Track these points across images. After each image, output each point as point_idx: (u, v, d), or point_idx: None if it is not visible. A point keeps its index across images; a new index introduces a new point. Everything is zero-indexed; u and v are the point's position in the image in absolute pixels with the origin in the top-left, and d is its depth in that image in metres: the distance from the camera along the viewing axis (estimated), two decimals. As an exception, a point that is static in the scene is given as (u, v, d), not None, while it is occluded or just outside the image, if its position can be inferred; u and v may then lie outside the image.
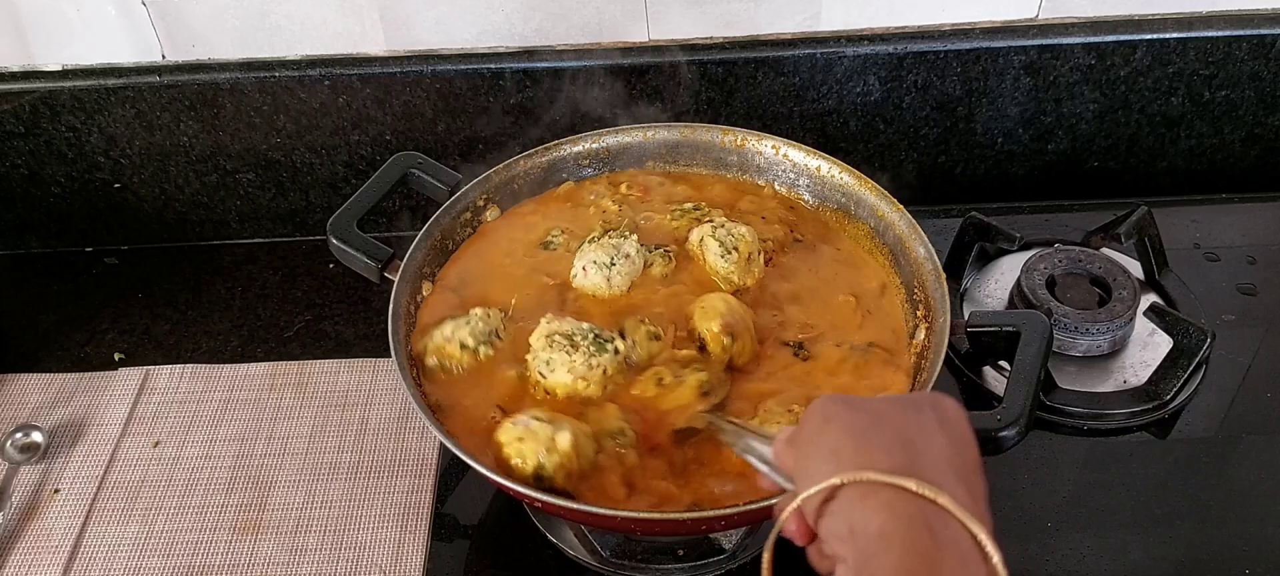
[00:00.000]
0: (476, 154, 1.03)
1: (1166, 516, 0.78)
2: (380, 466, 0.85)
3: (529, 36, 0.98)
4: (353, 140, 1.02)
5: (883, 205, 0.81)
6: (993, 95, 1.02)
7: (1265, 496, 0.79)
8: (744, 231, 0.79)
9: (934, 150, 1.06)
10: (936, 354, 0.69)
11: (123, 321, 0.99)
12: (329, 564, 0.78)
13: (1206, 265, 0.98)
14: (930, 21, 0.99)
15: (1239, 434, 0.84)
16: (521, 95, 0.99)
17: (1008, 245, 0.94)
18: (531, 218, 0.86)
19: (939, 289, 0.73)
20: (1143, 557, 0.76)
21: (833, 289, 0.80)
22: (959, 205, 1.01)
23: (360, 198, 0.80)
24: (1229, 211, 1.04)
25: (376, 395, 0.91)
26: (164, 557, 0.79)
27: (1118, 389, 0.86)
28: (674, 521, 0.63)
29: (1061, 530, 0.77)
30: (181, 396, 0.91)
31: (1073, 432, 0.84)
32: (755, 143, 0.88)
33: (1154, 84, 1.02)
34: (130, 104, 0.98)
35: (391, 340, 0.71)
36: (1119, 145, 1.07)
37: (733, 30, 0.99)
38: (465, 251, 0.83)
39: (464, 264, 0.82)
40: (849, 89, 1.01)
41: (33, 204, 1.05)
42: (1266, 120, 1.05)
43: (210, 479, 0.85)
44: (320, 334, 0.97)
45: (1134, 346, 0.89)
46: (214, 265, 1.06)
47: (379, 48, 0.98)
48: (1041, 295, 0.88)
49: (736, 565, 0.76)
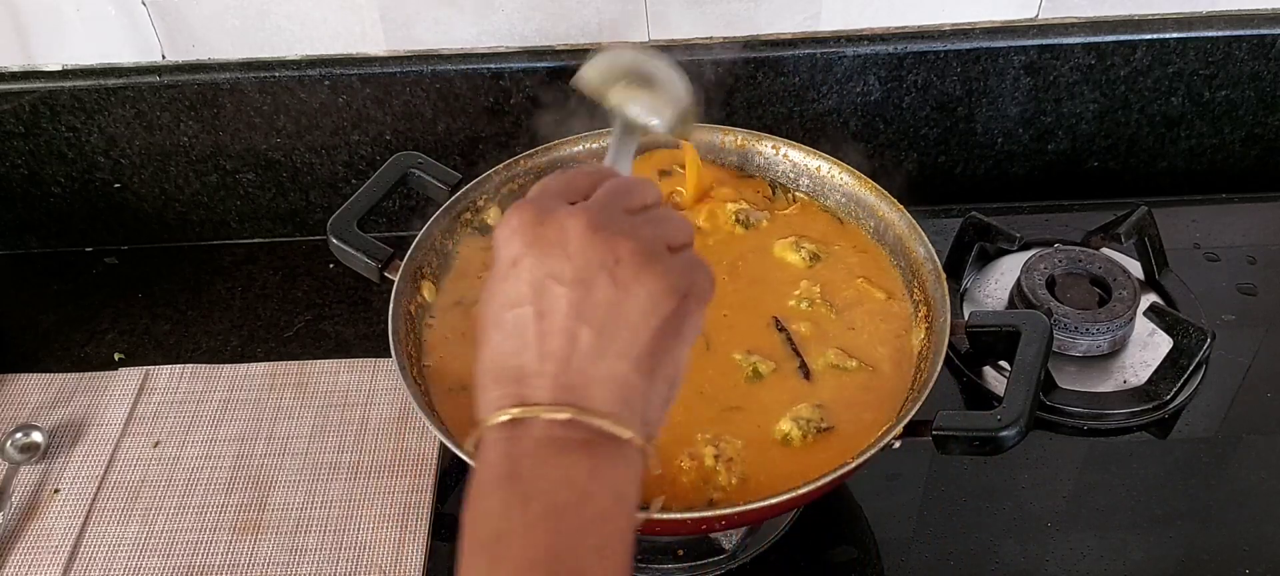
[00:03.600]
0: (477, 154, 1.03)
1: (1166, 516, 0.78)
2: (380, 466, 0.85)
3: (529, 36, 0.98)
4: (353, 140, 1.02)
5: (882, 205, 0.81)
6: (993, 95, 1.02)
7: (1265, 496, 0.79)
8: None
9: (934, 150, 1.06)
10: (936, 354, 0.69)
11: (123, 321, 0.99)
12: (329, 564, 0.78)
13: (1206, 265, 0.98)
14: (930, 21, 0.99)
15: (1239, 433, 0.84)
16: (522, 95, 0.99)
17: (1008, 245, 0.94)
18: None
19: (939, 289, 0.73)
20: (1143, 557, 0.76)
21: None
22: (959, 205, 1.01)
23: (360, 197, 0.80)
24: (1229, 211, 1.04)
25: (377, 395, 0.91)
26: (164, 557, 0.79)
27: (1118, 389, 0.86)
28: (674, 521, 0.63)
29: (1062, 530, 0.78)
30: (181, 396, 0.91)
31: (1073, 433, 0.84)
32: (755, 142, 0.88)
33: (1154, 84, 1.02)
34: (130, 104, 0.98)
35: (391, 340, 0.71)
36: (1119, 145, 1.07)
37: (733, 30, 0.99)
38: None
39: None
40: (849, 89, 1.01)
41: (33, 204, 1.05)
42: (1267, 120, 1.05)
43: (210, 479, 0.84)
44: (320, 334, 0.97)
45: (1134, 346, 0.89)
46: (214, 265, 1.06)
47: (379, 48, 0.98)
48: (1041, 295, 0.88)
49: (736, 565, 0.76)
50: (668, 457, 0.67)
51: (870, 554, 0.77)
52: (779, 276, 0.80)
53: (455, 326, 0.78)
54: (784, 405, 0.71)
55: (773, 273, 0.80)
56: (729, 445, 0.68)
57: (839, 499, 0.81)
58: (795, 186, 0.88)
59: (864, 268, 0.81)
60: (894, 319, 0.77)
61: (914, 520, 0.79)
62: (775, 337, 0.75)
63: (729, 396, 0.72)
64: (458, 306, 0.80)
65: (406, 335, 0.74)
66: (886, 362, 0.74)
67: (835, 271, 0.80)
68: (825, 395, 0.72)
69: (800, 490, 0.61)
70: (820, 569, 0.76)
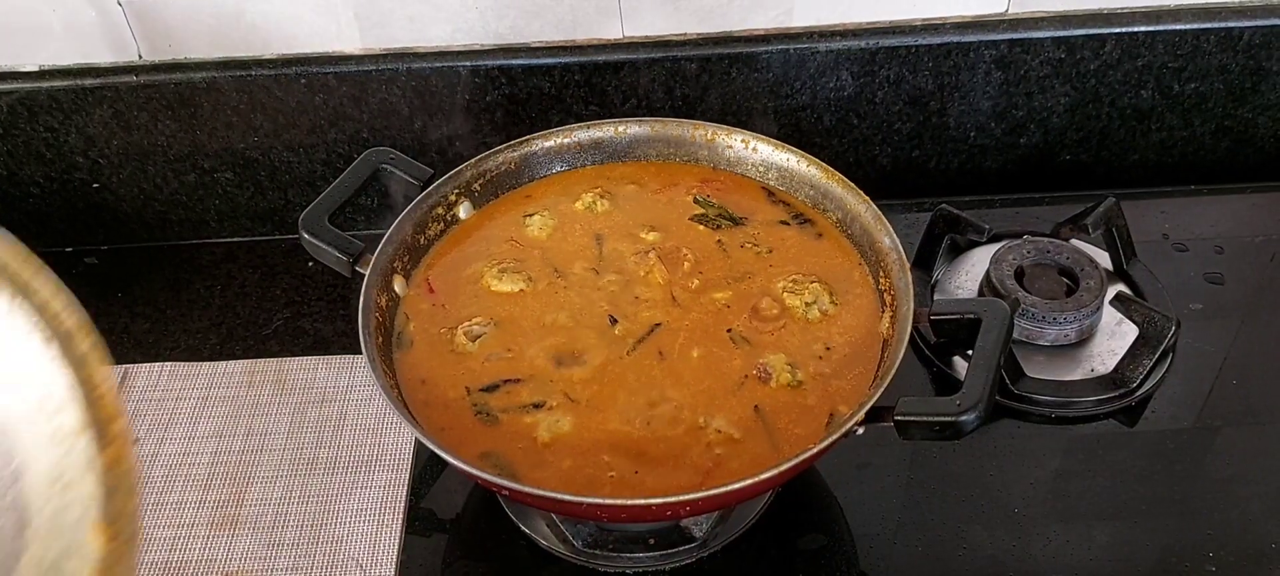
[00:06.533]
0: (454, 151, 1.03)
1: (1134, 502, 0.79)
2: (358, 462, 0.86)
3: (504, 34, 0.99)
4: (330, 138, 1.02)
5: (849, 198, 0.82)
6: (965, 89, 1.03)
7: (1230, 482, 0.80)
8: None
9: (907, 144, 1.07)
10: (899, 340, 0.70)
11: (102, 321, 0.97)
12: (306, 558, 0.79)
13: (1175, 255, 0.99)
14: (901, 16, 1.00)
15: (1205, 421, 0.85)
16: (497, 92, 1.00)
17: (977, 237, 0.95)
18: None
19: (903, 278, 0.74)
20: (1110, 542, 0.77)
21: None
22: (933, 199, 1.02)
23: (331, 193, 0.81)
24: (1198, 203, 1.06)
25: (354, 391, 0.91)
26: (142, 553, 0.80)
27: (1085, 377, 0.87)
28: (639, 508, 0.64)
29: (1030, 516, 0.78)
30: (160, 394, 0.92)
31: (1041, 421, 0.85)
32: (725, 137, 0.89)
33: (1124, 77, 1.03)
34: (108, 104, 0.99)
35: (361, 334, 0.72)
36: (1091, 138, 1.08)
37: (706, 26, 1.00)
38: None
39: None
40: (822, 84, 1.02)
41: (11, 205, 1.05)
42: (1236, 112, 1.07)
43: (188, 475, 0.85)
44: (299, 331, 0.98)
45: (1101, 335, 0.90)
46: (193, 264, 1.06)
47: (354, 46, 0.98)
48: (1009, 286, 0.89)
49: (708, 553, 0.77)
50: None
51: (841, 541, 0.78)
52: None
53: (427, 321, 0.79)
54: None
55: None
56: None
57: (810, 487, 0.82)
58: (765, 180, 0.88)
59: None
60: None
61: (884, 508, 0.80)
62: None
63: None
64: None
65: (377, 330, 0.75)
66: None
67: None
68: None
69: (763, 475, 0.62)
70: (791, 556, 0.77)
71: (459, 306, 0.79)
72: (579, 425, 0.71)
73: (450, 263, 0.83)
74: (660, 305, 0.79)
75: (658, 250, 0.82)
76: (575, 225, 0.86)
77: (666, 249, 0.83)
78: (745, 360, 0.74)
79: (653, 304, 0.79)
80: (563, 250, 0.84)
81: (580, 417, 0.71)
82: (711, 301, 0.79)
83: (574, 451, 0.69)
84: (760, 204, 0.87)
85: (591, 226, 0.86)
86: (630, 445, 0.69)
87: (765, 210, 0.86)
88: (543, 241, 0.84)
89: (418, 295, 0.80)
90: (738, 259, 0.82)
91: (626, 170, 0.90)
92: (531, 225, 0.85)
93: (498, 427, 0.71)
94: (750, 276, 0.81)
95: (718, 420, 0.70)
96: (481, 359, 0.75)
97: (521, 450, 0.69)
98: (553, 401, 0.72)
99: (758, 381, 0.73)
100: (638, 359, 0.75)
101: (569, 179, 0.90)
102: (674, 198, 0.88)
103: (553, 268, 0.82)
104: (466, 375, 0.74)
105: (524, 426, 0.71)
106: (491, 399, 0.73)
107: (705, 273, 0.81)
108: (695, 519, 0.76)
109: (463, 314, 0.79)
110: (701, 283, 0.80)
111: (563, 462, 0.69)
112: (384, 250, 0.79)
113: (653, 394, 0.73)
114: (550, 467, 0.68)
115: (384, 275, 0.78)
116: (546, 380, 0.74)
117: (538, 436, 0.70)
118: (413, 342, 0.77)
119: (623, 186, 0.89)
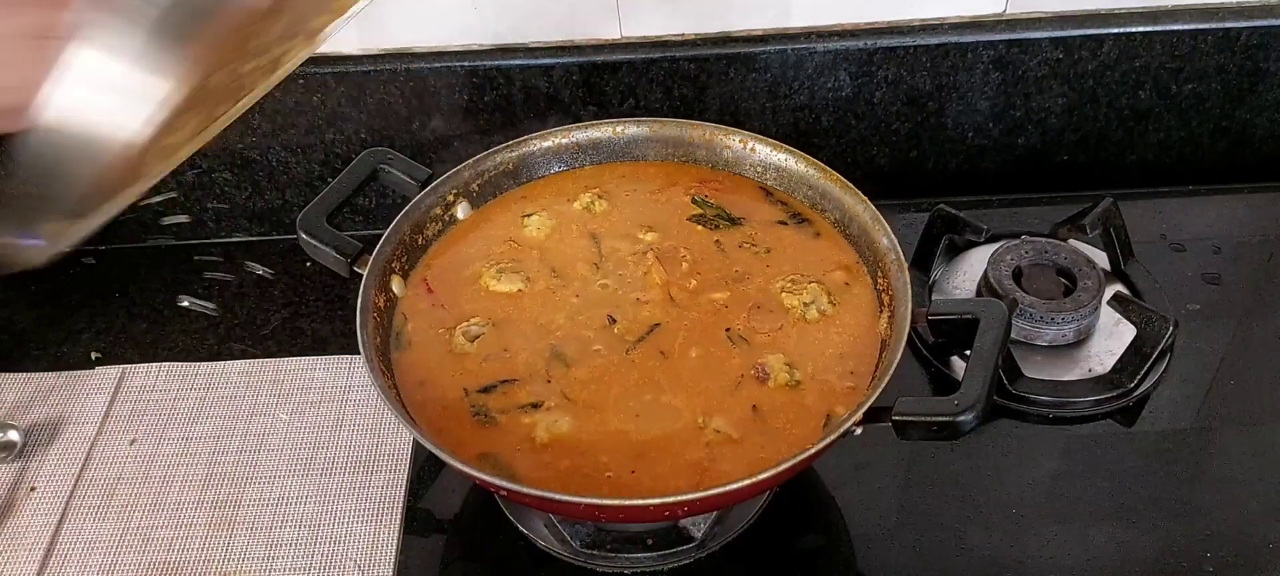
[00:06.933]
0: (452, 151, 1.03)
1: (1132, 502, 0.79)
2: (355, 462, 0.86)
3: (502, 34, 0.99)
4: (328, 138, 1.02)
5: (847, 198, 0.82)
6: (962, 90, 1.04)
7: (1227, 482, 0.80)
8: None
9: (905, 145, 1.08)
10: (897, 341, 0.70)
11: (99, 321, 1.00)
12: (303, 558, 0.79)
13: (1172, 255, 0.99)
14: (899, 17, 1.00)
15: (1204, 421, 0.85)
16: (495, 93, 1.00)
17: (975, 237, 0.95)
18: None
19: (901, 278, 0.74)
20: (1108, 542, 0.77)
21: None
22: (930, 199, 1.02)
23: (329, 193, 0.81)
24: (1196, 203, 1.06)
25: (352, 391, 0.91)
26: (139, 553, 0.80)
27: (1083, 377, 0.87)
28: (636, 508, 0.64)
29: (1028, 517, 0.79)
30: (158, 394, 0.92)
31: (1039, 421, 0.85)
32: (723, 137, 0.89)
33: (1121, 77, 1.03)
34: (106, 104, 0.99)
35: (359, 334, 0.72)
36: (1089, 139, 1.08)
37: (704, 27, 1.00)
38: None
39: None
40: (820, 84, 1.02)
41: (10, 205, 1.05)
42: (1233, 113, 1.07)
43: (186, 475, 0.85)
44: (297, 331, 0.98)
45: (1099, 335, 0.90)
46: (192, 264, 1.06)
47: (352, 46, 0.98)
48: (1007, 286, 0.89)
49: (706, 554, 0.77)
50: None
51: (839, 541, 0.78)
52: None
53: (425, 322, 0.79)
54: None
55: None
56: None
57: (808, 488, 0.82)
58: (763, 180, 0.88)
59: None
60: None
61: (882, 508, 0.80)
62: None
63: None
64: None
65: (375, 330, 0.75)
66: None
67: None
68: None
69: (761, 475, 0.62)
70: (790, 556, 0.77)
71: (457, 307, 0.79)
72: (577, 425, 0.71)
73: (448, 263, 0.83)
74: (658, 305, 0.79)
75: (656, 250, 0.83)
76: (573, 225, 0.86)
77: (665, 249, 0.83)
78: (743, 360, 0.74)
79: (651, 304, 0.79)
80: (561, 250, 0.84)
81: (578, 418, 0.71)
82: (709, 301, 0.79)
83: (572, 452, 0.69)
84: (758, 204, 0.87)
85: (589, 227, 0.86)
86: (628, 445, 0.69)
87: (763, 210, 0.86)
88: (541, 242, 0.84)
89: (416, 295, 0.80)
90: (736, 259, 0.82)
91: (624, 170, 0.90)
92: (530, 225, 0.85)
93: (496, 428, 0.71)
94: (748, 276, 0.81)
95: (716, 420, 0.71)
96: (479, 359, 0.76)
97: (519, 450, 0.69)
98: (551, 402, 0.72)
99: (756, 381, 0.73)
100: (636, 359, 0.75)
101: (567, 179, 0.90)
102: (672, 198, 0.88)
103: (551, 268, 0.82)
104: (464, 375, 0.74)
105: (522, 427, 0.71)
106: (489, 399, 0.73)
107: (703, 273, 0.81)
108: (693, 519, 0.77)
109: (461, 314, 0.79)
110: (699, 283, 0.80)
111: (561, 463, 0.69)
112: (382, 250, 0.79)
113: (651, 394, 0.73)
114: (548, 468, 0.68)
115: (382, 275, 0.78)
116: (544, 380, 0.74)
117: (536, 437, 0.70)
118: (411, 343, 0.77)
119: (621, 186, 0.89)
